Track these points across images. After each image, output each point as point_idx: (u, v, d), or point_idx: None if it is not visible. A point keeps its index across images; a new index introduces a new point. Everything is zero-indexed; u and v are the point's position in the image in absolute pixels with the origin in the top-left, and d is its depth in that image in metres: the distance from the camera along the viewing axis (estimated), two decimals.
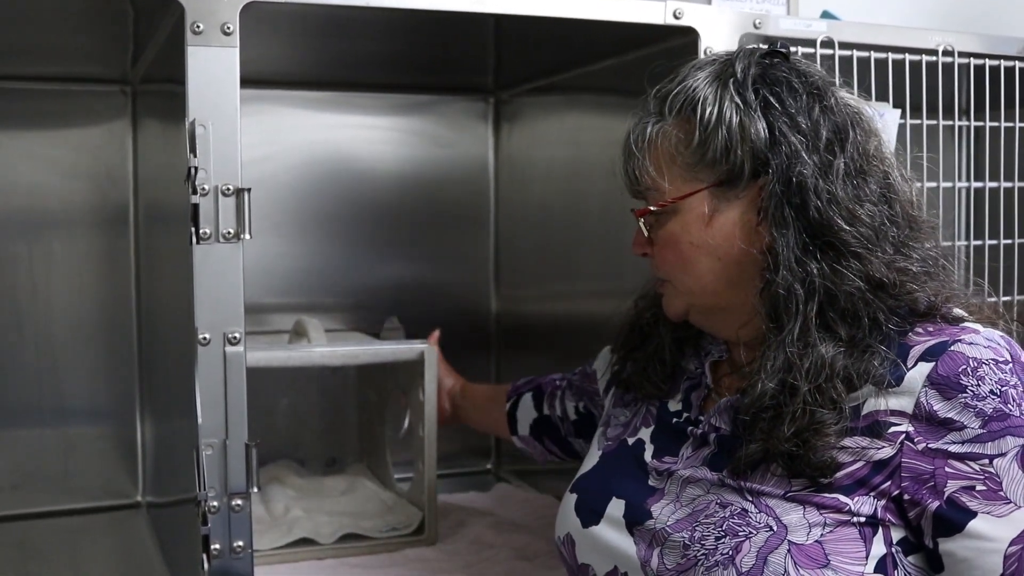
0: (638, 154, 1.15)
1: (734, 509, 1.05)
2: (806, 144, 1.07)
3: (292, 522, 1.70)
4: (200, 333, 1.14)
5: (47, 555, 1.71)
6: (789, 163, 1.06)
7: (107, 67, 1.81)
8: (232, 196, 1.14)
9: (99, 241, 1.91)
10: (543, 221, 1.97)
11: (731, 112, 1.08)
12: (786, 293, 1.05)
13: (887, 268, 1.05)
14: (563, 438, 1.55)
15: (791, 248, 1.05)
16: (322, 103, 2.04)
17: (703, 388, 1.20)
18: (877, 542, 1.01)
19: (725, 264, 1.11)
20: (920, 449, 1.00)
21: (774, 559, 1.00)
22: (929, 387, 1.01)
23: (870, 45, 1.48)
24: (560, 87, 1.88)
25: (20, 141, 1.86)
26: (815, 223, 1.05)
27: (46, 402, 1.89)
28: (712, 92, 1.10)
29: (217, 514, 1.15)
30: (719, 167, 1.10)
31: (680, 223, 1.13)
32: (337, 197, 2.04)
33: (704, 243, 1.11)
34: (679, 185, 1.12)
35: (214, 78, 1.14)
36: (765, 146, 1.07)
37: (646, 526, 1.11)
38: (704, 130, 1.09)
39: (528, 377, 1.65)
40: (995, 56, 1.59)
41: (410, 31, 1.62)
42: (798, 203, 1.06)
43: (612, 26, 1.37)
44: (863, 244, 1.05)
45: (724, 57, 1.15)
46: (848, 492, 1.01)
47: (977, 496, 0.98)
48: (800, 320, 1.04)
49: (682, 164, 1.12)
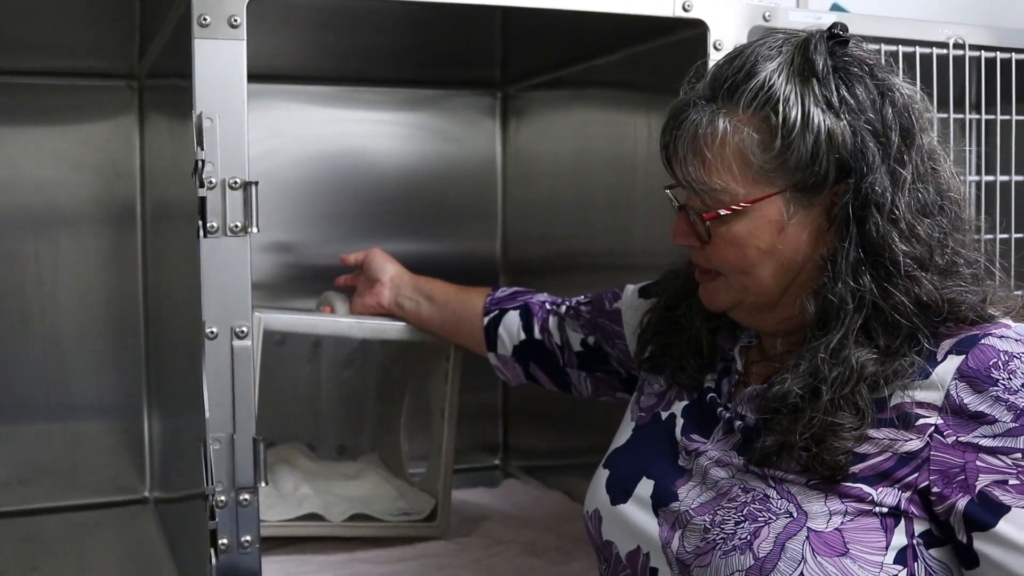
0: (706, 151, 1.06)
1: (756, 495, 1.04)
2: (881, 151, 1.04)
3: (301, 498, 1.69)
4: (207, 327, 1.13)
5: (54, 550, 1.71)
6: (866, 173, 1.03)
7: (114, 61, 1.81)
8: (239, 189, 1.13)
9: (106, 236, 1.91)
10: (551, 215, 1.96)
11: (818, 117, 1.03)
12: (839, 303, 1.03)
13: (936, 292, 1.03)
14: (559, 368, 1.47)
15: (848, 260, 1.04)
16: (329, 98, 2.03)
17: (734, 374, 1.19)
18: (898, 533, 1.00)
19: (787, 270, 1.08)
20: (950, 443, 0.99)
21: (792, 545, 0.99)
22: (959, 380, 0.99)
23: (880, 38, 1.47)
24: (568, 81, 1.88)
25: (27, 136, 1.86)
26: (872, 240, 1.03)
27: (53, 397, 1.90)
28: (793, 91, 1.04)
29: (225, 508, 1.14)
30: (800, 173, 1.04)
31: (749, 226, 1.07)
32: (344, 192, 2.03)
33: (772, 248, 1.07)
34: (751, 188, 1.05)
35: (221, 71, 1.13)
36: (849, 154, 1.03)
37: (671, 508, 1.11)
38: (788, 135, 1.03)
39: (508, 288, 1.56)
40: (1006, 49, 1.57)
41: (417, 25, 1.62)
42: (862, 216, 1.03)
43: (620, 19, 1.36)
44: (915, 266, 1.03)
45: (790, 42, 1.07)
46: (871, 483, 1.00)
47: (1010, 491, 0.96)
48: (842, 331, 1.03)
49: (758, 166, 1.05)
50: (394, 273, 1.63)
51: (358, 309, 1.64)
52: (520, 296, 1.53)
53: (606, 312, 1.42)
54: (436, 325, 1.60)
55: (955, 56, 1.52)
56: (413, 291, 1.61)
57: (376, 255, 1.65)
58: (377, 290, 1.62)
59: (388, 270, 1.63)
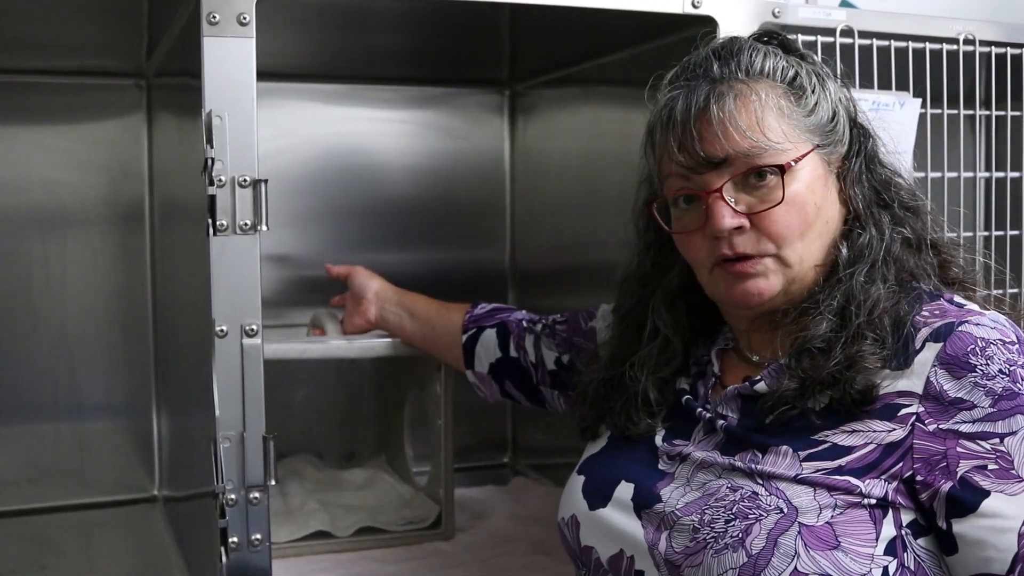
0: (754, 116, 1.08)
1: (744, 492, 1.04)
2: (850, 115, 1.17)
3: (309, 515, 1.69)
4: (217, 325, 1.13)
5: (63, 549, 1.72)
6: (863, 133, 1.16)
7: (122, 60, 1.81)
8: (249, 187, 1.13)
9: (114, 236, 1.91)
10: (559, 213, 1.96)
11: (828, 83, 1.15)
12: (867, 241, 1.11)
13: (930, 233, 1.15)
14: (533, 385, 1.48)
15: (868, 204, 1.13)
16: (338, 96, 2.03)
17: (710, 376, 1.19)
18: (887, 524, 1.00)
19: (829, 227, 1.13)
20: (931, 430, 1.00)
21: (784, 541, 0.99)
22: (938, 367, 1.01)
23: (889, 34, 1.47)
24: (576, 79, 1.87)
25: (35, 135, 1.87)
26: (881, 182, 1.15)
27: (62, 397, 1.90)
28: (796, 63, 1.14)
29: (235, 507, 1.14)
30: (823, 132, 1.12)
31: (804, 182, 1.10)
32: (353, 190, 2.03)
33: (823, 205, 1.11)
34: (796, 144, 1.10)
35: (230, 69, 1.13)
36: (853, 119, 1.16)
37: (655, 510, 1.10)
38: (811, 92, 1.12)
39: (486, 305, 1.56)
40: (1016, 45, 1.57)
41: (425, 23, 1.61)
42: (872, 169, 1.15)
43: (629, 15, 1.36)
44: (914, 200, 1.16)
45: (766, 33, 1.19)
46: (859, 475, 1.01)
47: (989, 475, 0.98)
48: (872, 258, 1.10)
49: (794, 123, 1.10)
50: (378, 288, 1.64)
51: (349, 329, 1.66)
52: (498, 313, 1.54)
53: (582, 331, 1.43)
54: (418, 340, 1.61)
55: (965, 52, 1.52)
56: (397, 306, 1.63)
57: (359, 273, 1.66)
58: (364, 308, 1.63)
59: (371, 286, 1.64)
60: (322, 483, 1.85)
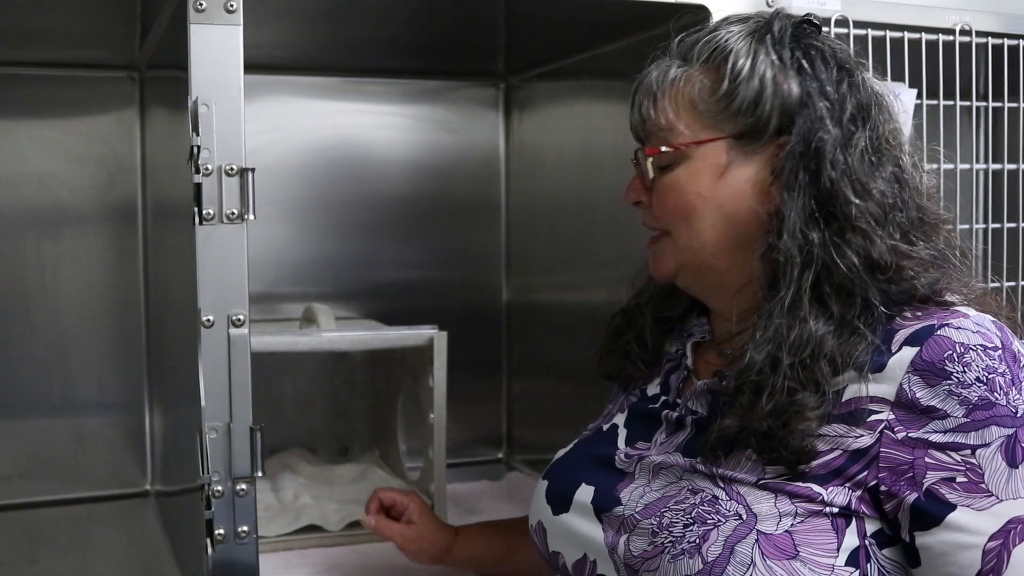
0: (657, 93, 1.11)
1: (705, 496, 1.02)
2: (831, 113, 1.05)
3: (300, 509, 1.69)
4: (203, 315, 1.12)
5: (56, 543, 1.71)
6: (813, 127, 1.04)
7: (114, 52, 1.80)
8: (236, 176, 1.12)
9: (107, 230, 1.90)
10: (554, 208, 1.95)
11: (766, 66, 1.06)
12: (784, 260, 1.02)
13: (888, 251, 1.02)
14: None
15: (797, 213, 1.02)
16: (330, 89, 2.02)
17: (683, 369, 1.18)
18: (850, 534, 0.97)
19: (730, 223, 1.07)
20: (900, 438, 0.96)
21: (741, 549, 0.97)
22: (912, 373, 0.97)
23: (886, 24, 1.45)
24: (570, 71, 1.87)
25: (28, 128, 1.86)
26: (825, 192, 1.03)
27: (55, 391, 1.89)
28: (746, 46, 1.08)
29: (221, 499, 1.13)
30: (743, 118, 1.07)
31: (689, 171, 1.09)
32: (346, 184, 2.03)
33: (713, 196, 1.08)
34: (697, 131, 1.08)
35: (217, 57, 1.12)
36: (794, 105, 1.05)
37: (614, 512, 1.09)
38: (734, 80, 1.06)
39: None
40: (1014, 35, 1.56)
41: (419, 15, 1.60)
42: (813, 169, 1.03)
43: (622, 6, 1.35)
44: (868, 221, 1.02)
45: (757, 17, 1.13)
46: (822, 482, 0.98)
47: (957, 488, 0.94)
48: (794, 289, 1.01)
49: (704, 111, 1.08)
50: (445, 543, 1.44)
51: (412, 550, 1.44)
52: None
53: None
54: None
55: (962, 43, 1.51)
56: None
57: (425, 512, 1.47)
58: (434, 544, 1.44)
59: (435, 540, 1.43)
60: (315, 478, 1.84)
